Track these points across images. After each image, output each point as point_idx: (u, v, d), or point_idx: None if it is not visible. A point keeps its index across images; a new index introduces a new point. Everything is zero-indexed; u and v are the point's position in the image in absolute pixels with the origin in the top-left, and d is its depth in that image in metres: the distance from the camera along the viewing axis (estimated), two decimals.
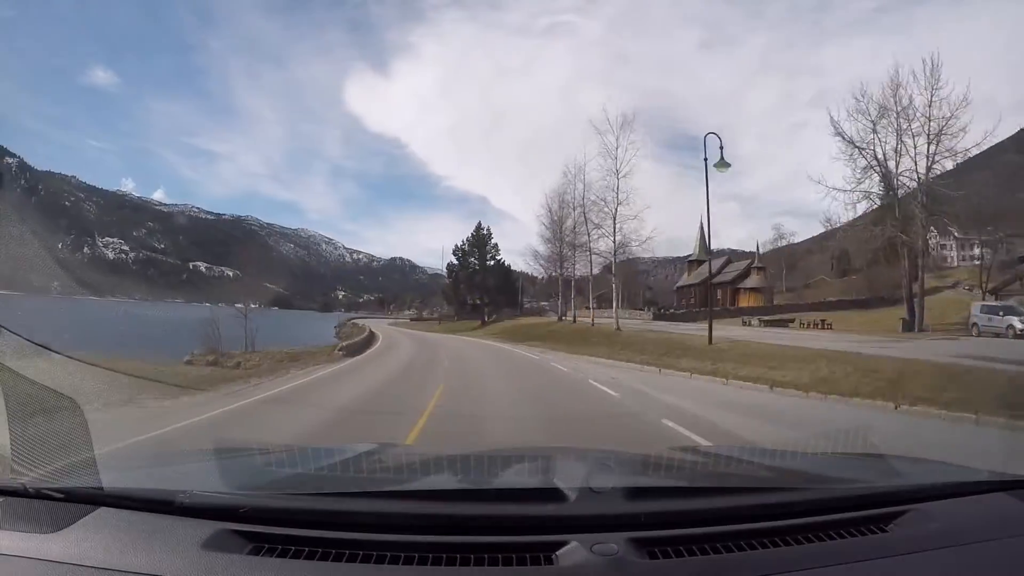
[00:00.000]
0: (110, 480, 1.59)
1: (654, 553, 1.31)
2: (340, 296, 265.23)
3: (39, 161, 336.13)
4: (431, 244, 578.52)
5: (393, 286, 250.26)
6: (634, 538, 1.33)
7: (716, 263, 61.62)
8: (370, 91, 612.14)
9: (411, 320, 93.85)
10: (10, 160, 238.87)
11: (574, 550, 1.29)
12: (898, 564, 1.33)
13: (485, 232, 77.21)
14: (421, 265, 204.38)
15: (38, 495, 1.50)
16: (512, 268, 75.15)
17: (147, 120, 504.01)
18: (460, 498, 1.73)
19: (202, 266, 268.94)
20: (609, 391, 11.88)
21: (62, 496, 1.49)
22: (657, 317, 51.53)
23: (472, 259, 75.71)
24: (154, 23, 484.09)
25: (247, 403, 9.69)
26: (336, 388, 12.55)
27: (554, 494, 1.55)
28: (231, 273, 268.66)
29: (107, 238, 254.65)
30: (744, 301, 63.52)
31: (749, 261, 69.80)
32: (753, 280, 64.73)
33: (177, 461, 2.45)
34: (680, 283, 78.08)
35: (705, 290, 57.26)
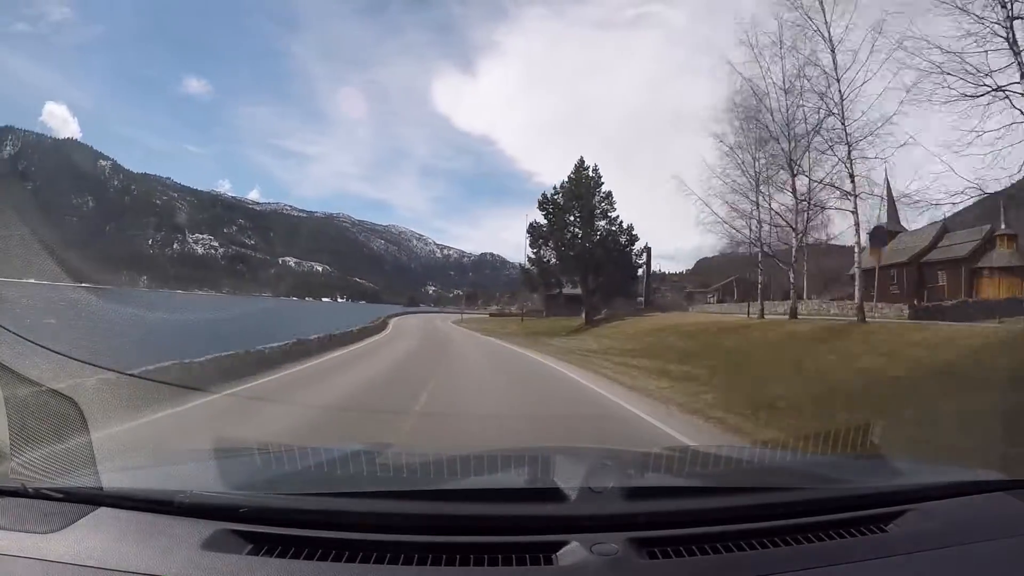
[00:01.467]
0: (110, 480, 1.59)
1: (654, 553, 1.31)
2: (431, 291, 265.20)
3: (136, 165, 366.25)
4: (522, 241, 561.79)
5: (484, 281, 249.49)
6: (634, 538, 1.33)
7: (920, 236, 39.31)
8: (457, 90, 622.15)
9: (490, 315, 76.31)
10: (104, 163, 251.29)
11: (574, 550, 1.29)
12: (898, 564, 1.33)
13: (591, 172, 43.44)
14: (512, 261, 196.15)
15: (37, 495, 1.49)
16: (635, 233, 43.76)
17: (240, 125, 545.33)
18: (460, 498, 1.70)
19: (291, 261, 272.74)
20: None
21: (61, 496, 1.49)
22: (919, 315, 28.51)
23: (570, 216, 43.33)
24: (242, 32, 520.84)
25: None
26: None
27: (554, 494, 1.55)
28: (320, 268, 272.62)
29: (197, 234, 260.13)
30: (989, 288, 39.06)
31: (988, 228, 44.55)
32: (1003, 255, 40.31)
33: (176, 461, 2.43)
34: (863, 265, 49.13)
35: (915, 273, 38.70)
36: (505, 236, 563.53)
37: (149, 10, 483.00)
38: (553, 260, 43.97)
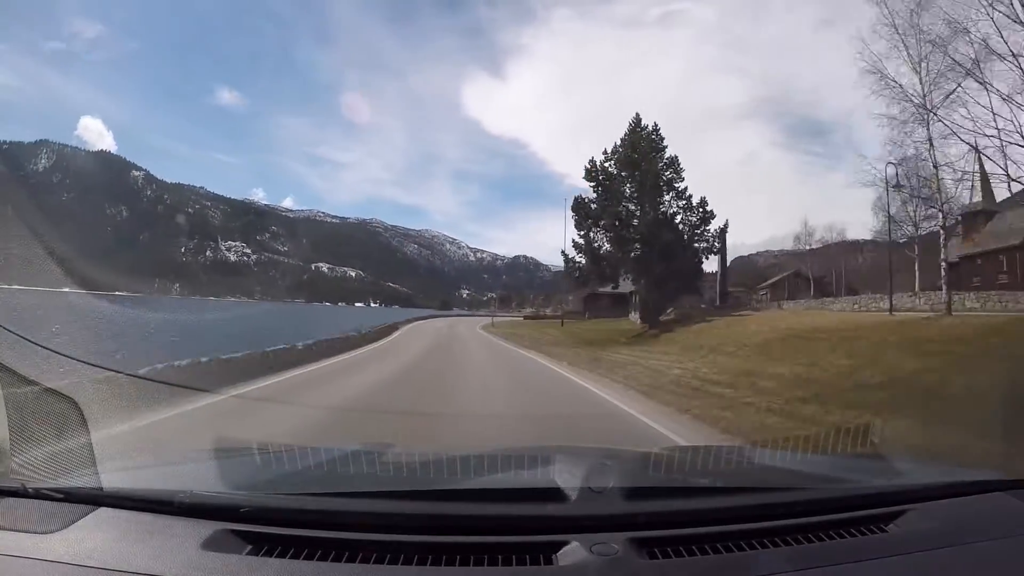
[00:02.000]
0: (110, 480, 1.59)
1: (654, 553, 1.30)
2: (464, 295, 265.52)
3: (170, 175, 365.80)
4: (555, 243, 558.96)
5: (518, 284, 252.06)
6: (634, 538, 1.33)
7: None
8: (486, 95, 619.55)
9: (524, 318, 68.08)
10: (137, 173, 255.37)
11: (574, 550, 1.28)
12: (898, 564, 1.33)
13: (651, 133, 32.62)
14: (545, 263, 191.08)
15: (38, 495, 1.49)
16: (708, 209, 32.06)
17: (273, 134, 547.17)
18: (460, 498, 1.71)
19: (324, 267, 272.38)
20: None
21: (62, 496, 1.49)
22: None
23: (625, 188, 32.29)
24: (273, 43, 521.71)
25: None
26: None
27: (554, 494, 1.55)
28: (353, 273, 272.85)
29: (229, 242, 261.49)
30: None
31: None
32: None
33: (177, 461, 2.42)
34: (961, 252, 32.68)
35: None
36: (539, 239, 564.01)
37: (181, 25, 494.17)
38: (605, 246, 32.00)
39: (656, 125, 32.84)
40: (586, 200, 32.30)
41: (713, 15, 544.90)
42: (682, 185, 32.07)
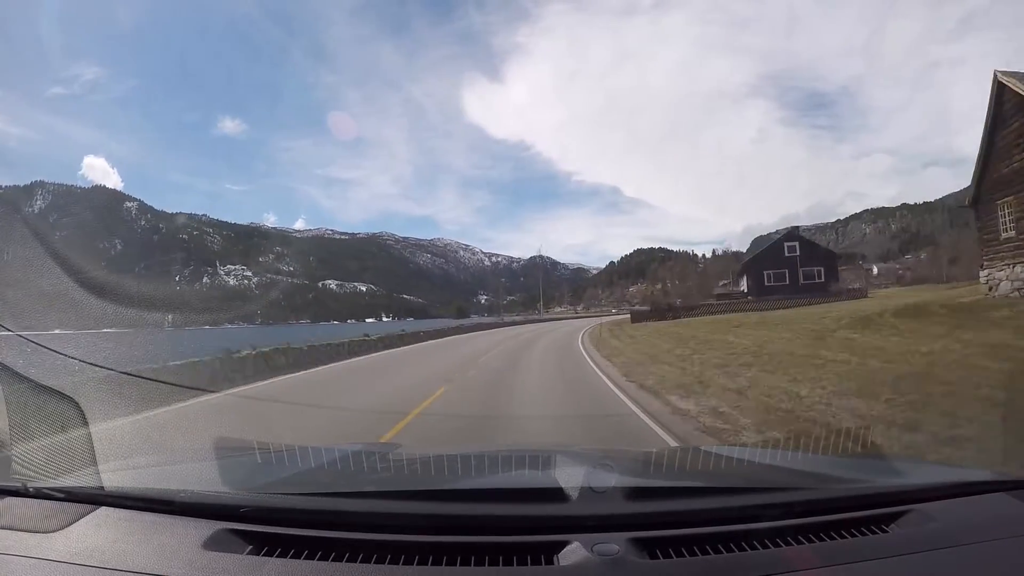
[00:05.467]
0: (110, 480, 1.59)
1: (655, 553, 1.30)
2: (482, 300, 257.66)
3: (176, 206, 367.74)
4: (569, 240, 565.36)
5: (535, 286, 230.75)
6: (635, 538, 1.33)
7: None
8: (487, 99, 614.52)
9: (632, 318, 46.07)
10: (130, 204, 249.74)
11: (575, 550, 1.28)
12: (898, 564, 1.33)
13: None
14: (562, 261, 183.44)
15: (38, 495, 1.50)
16: None
17: (278, 158, 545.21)
18: (460, 498, 1.71)
19: (332, 284, 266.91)
20: None
21: (62, 496, 1.50)
22: None
23: None
24: (271, 68, 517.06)
25: None
26: None
27: (555, 494, 1.55)
28: (364, 288, 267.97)
29: (229, 266, 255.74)
30: None
31: None
32: None
33: (177, 461, 2.45)
34: None
35: None
36: (552, 238, 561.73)
37: (177, 60, 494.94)
38: None
39: None
40: None
41: None
42: None
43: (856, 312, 21.22)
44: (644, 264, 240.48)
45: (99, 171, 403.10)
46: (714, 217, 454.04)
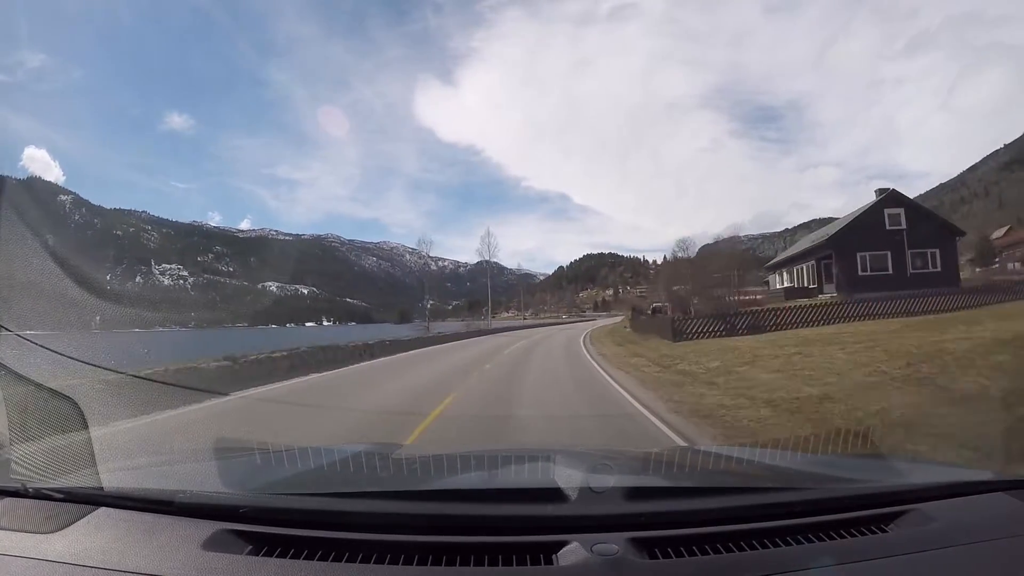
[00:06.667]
0: (110, 480, 1.60)
1: (654, 553, 1.31)
2: (429, 305, 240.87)
3: (123, 203, 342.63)
4: (516, 246, 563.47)
5: (481, 290, 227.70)
6: (634, 538, 1.33)
7: None
8: (439, 102, 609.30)
9: (631, 319, 41.90)
10: (64, 198, 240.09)
11: (574, 550, 1.28)
12: (898, 564, 1.33)
13: None
14: (509, 267, 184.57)
15: (38, 495, 1.50)
16: None
17: (225, 157, 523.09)
18: (460, 498, 1.71)
19: (273, 286, 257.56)
20: None
21: (62, 496, 1.50)
22: None
23: None
24: (220, 63, 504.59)
25: None
26: None
27: (554, 494, 1.55)
28: (306, 291, 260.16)
29: (164, 265, 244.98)
30: None
31: None
32: None
33: (177, 461, 2.43)
34: None
35: None
36: (500, 243, 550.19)
37: (125, 51, 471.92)
38: None
39: None
40: None
41: (661, 5, 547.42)
42: None
43: None
44: (594, 269, 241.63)
45: (40, 163, 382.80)
46: (661, 226, 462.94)
